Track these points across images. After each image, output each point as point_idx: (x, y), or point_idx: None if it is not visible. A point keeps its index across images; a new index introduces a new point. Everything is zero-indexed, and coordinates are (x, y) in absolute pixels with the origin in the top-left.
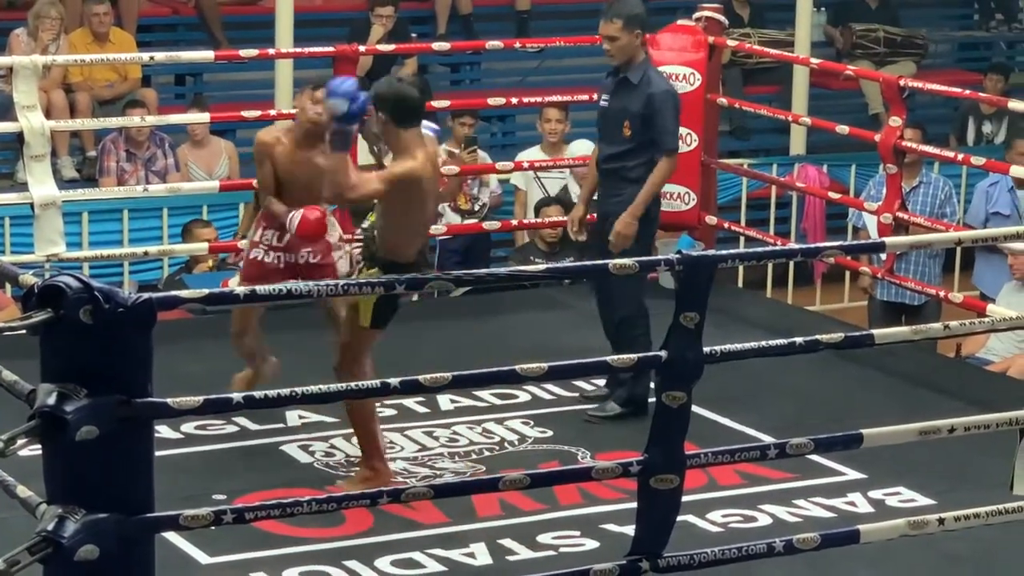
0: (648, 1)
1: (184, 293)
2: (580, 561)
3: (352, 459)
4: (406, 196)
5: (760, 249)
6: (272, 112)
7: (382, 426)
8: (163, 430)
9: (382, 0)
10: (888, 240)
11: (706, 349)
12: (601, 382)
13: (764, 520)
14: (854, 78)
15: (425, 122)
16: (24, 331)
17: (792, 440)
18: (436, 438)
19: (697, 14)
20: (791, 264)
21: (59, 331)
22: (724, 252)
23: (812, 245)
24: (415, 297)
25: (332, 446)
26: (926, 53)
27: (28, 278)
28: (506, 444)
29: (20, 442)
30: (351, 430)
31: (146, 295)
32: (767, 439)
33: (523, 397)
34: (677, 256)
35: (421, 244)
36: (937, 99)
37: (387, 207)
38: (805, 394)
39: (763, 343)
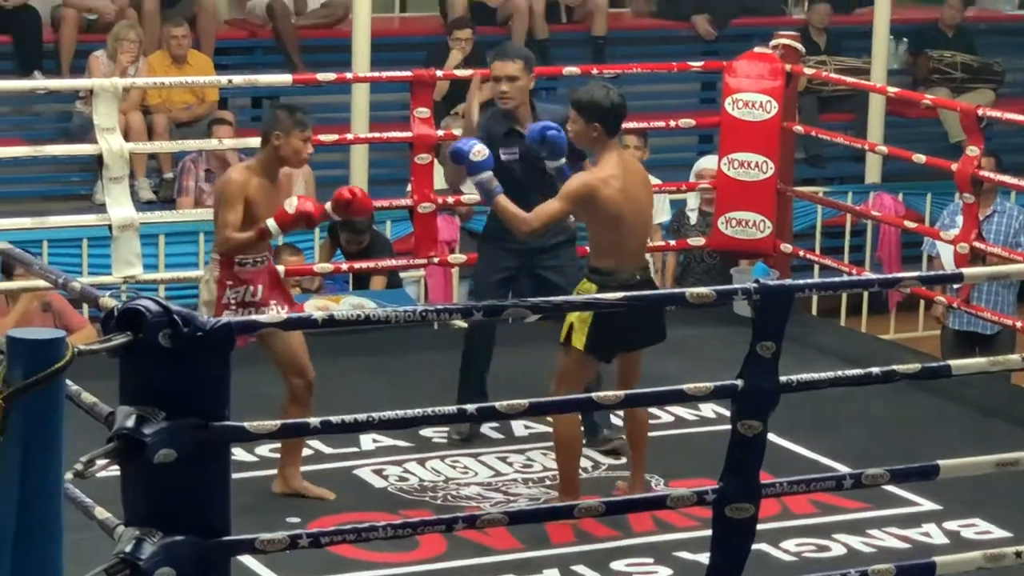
0: (725, 28)
1: (262, 317)
2: None
3: (425, 483)
4: (590, 210)
5: (838, 279)
6: (349, 136)
7: (458, 451)
8: (239, 452)
9: (460, 24)
10: (966, 271)
11: (782, 378)
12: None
13: (838, 550)
14: (932, 107)
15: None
16: (103, 353)
17: (868, 470)
18: (510, 464)
19: (774, 42)
20: (866, 292)
21: (138, 354)
22: (802, 281)
23: (889, 275)
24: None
25: (406, 470)
26: (1002, 82)
27: (108, 300)
28: (580, 471)
29: (99, 464)
30: (424, 455)
31: (224, 319)
32: (842, 468)
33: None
34: (754, 285)
35: (633, 257)
36: (1012, 128)
37: (586, 222)
38: (880, 423)
39: (839, 373)
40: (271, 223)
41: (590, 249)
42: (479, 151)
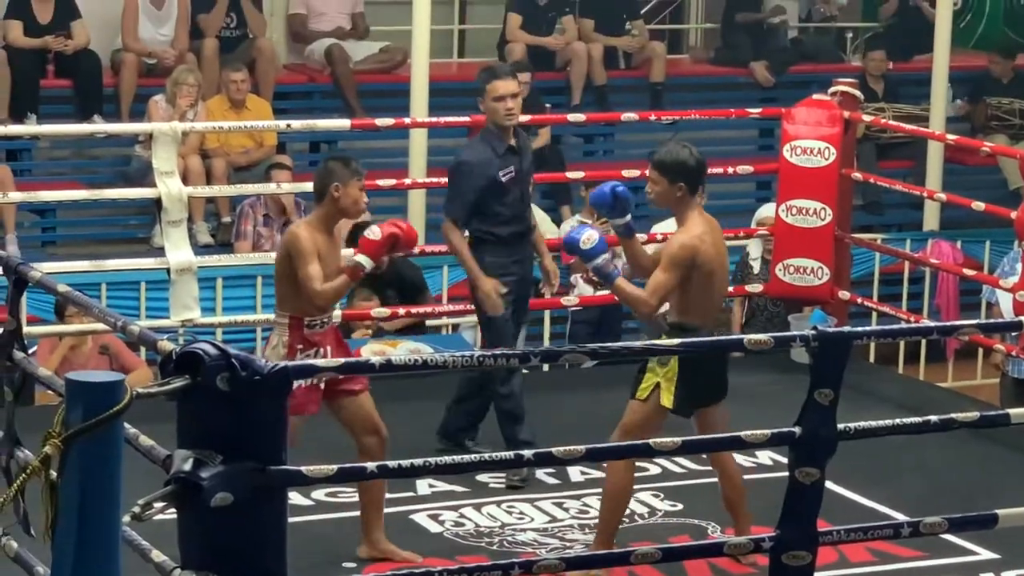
0: (783, 75)
1: (320, 362)
2: None
3: (481, 529)
4: (690, 270)
5: (896, 327)
6: (407, 181)
7: (512, 497)
8: (295, 496)
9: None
10: None
11: (840, 426)
12: None
13: None
14: (991, 155)
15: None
16: (161, 396)
17: (926, 519)
18: (566, 509)
19: (832, 89)
20: (924, 340)
21: (196, 397)
22: (860, 329)
23: (948, 323)
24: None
25: (462, 515)
26: None
27: (166, 344)
28: (636, 517)
29: (156, 507)
30: (480, 500)
31: (282, 364)
32: (899, 517)
33: (654, 470)
34: (813, 332)
35: (716, 312)
36: None
37: (678, 288)
38: (937, 471)
39: (897, 420)
40: (362, 258)
41: (675, 305)
42: (588, 238)
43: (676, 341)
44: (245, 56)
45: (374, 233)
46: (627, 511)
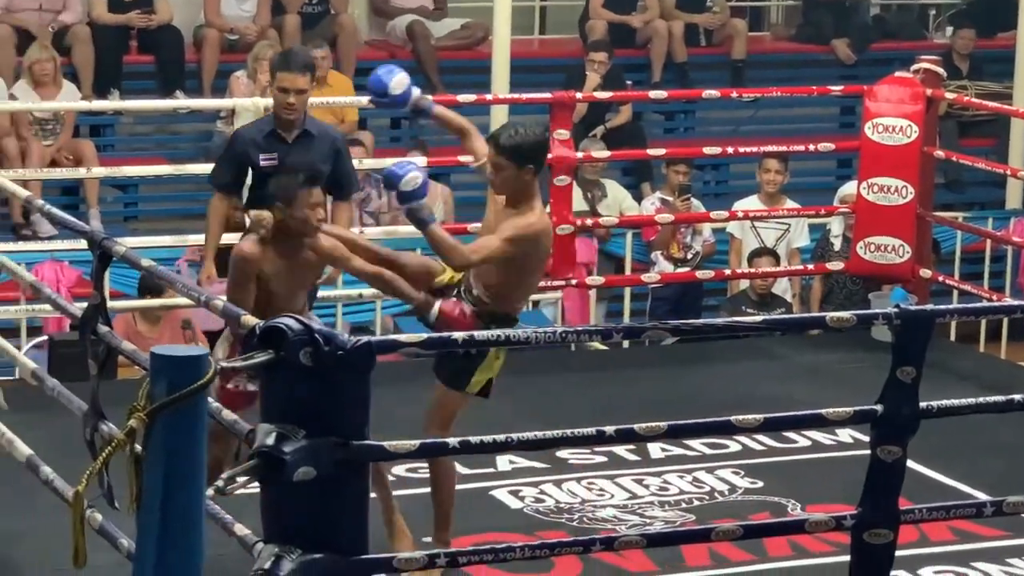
0: (864, 52)
1: (403, 337)
2: None
3: (561, 505)
4: (528, 253)
5: (979, 305)
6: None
7: (593, 473)
8: None
9: (597, 47)
10: None
11: (922, 404)
12: None
13: None
14: None
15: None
16: (245, 371)
17: (1009, 498)
18: (646, 486)
19: (915, 66)
20: (1006, 319)
21: (279, 372)
22: (943, 307)
23: None
24: None
25: (542, 492)
26: None
27: (249, 319)
28: (716, 494)
29: (239, 481)
30: (561, 476)
31: (365, 338)
32: (981, 496)
33: (733, 447)
34: (895, 310)
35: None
36: None
37: (508, 263)
38: (1019, 450)
39: (980, 399)
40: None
41: (496, 295)
42: (412, 179)
43: (758, 318)
44: (327, 32)
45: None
46: (663, 481)
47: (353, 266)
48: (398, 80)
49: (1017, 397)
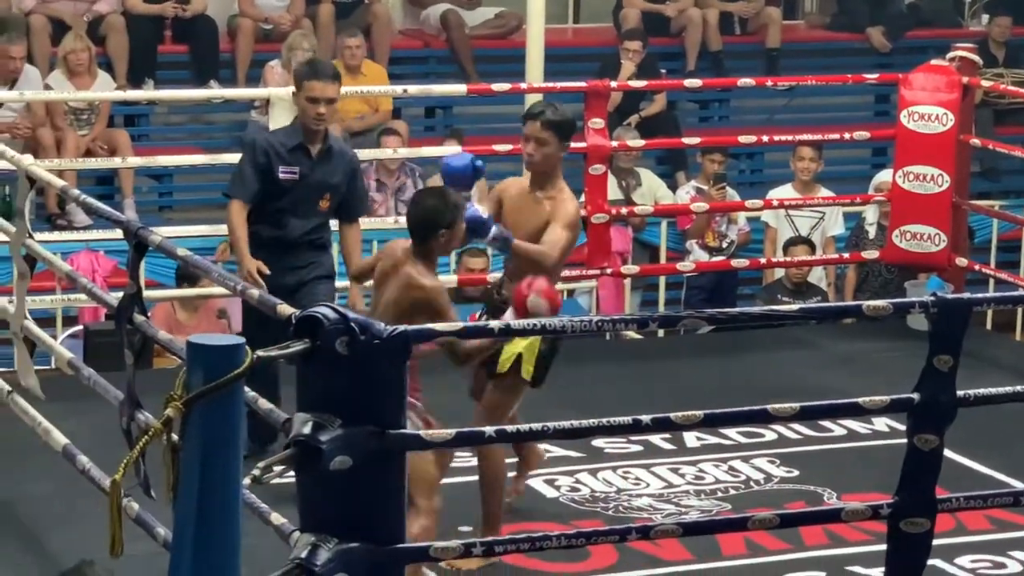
0: (900, 40)
1: (439, 326)
2: None
3: (597, 494)
4: (577, 235)
5: (1016, 294)
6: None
7: (628, 463)
8: None
9: (631, 35)
10: None
11: (960, 392)
12: None
13: (1014, 567)
14: None
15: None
16: (282, 360)
17: None
18: (682, 475)
19: (951, 54)
20: None
21: (315, 361)
22: (980, 296)
23: None
24: None
25: (577, 481)
26: None
27: (285, 308)
28: (752, 483)
29: (276, 470)
30: (596, 465)
31: (401, 327)
32: (1018, 485)
33: (769, 436)
34: (932, 298)
35: None
36: None
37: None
38: None
39: (1017, 387)
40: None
41: (523, 273)
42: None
43: (794, 307)
44: (361, 21)
45: (537, 308)
46: (698, 470)
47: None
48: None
49: None
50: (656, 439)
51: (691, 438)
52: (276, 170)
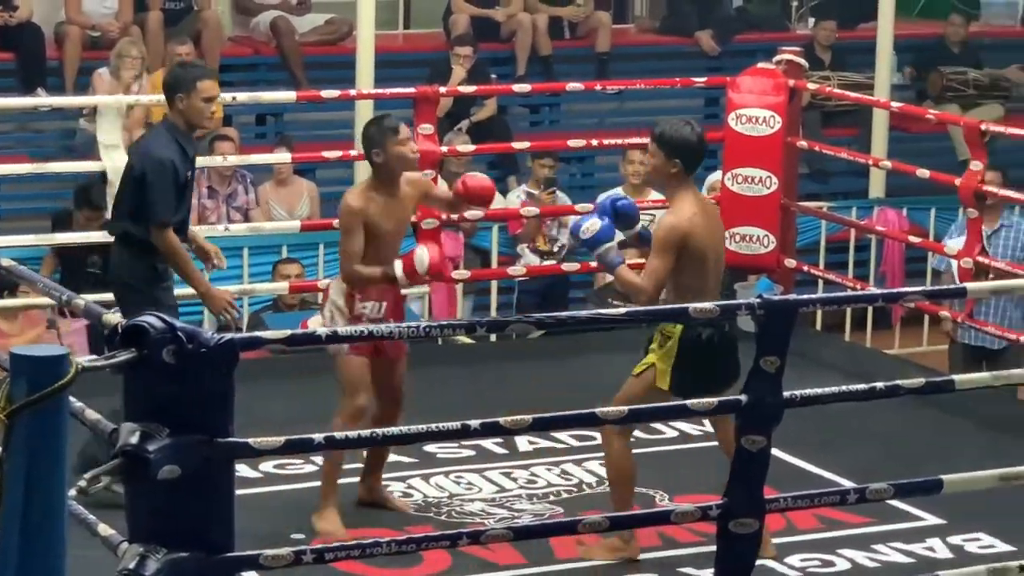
0: (728, 44)
1: (266, 334)
2: None
3: (429, 499)
4: (681, 252)
5: (842, 294)
6: (352, 152)
7: (461, 467)
8: (242, 469)
9: (461, 41)
10: (970, 286)
11: (786, 393)
12: None
13: (842, 565)
14: (937, 122)
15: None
16: (108, 370)
17: (872, 485)
18: (514, 479)
19: (778, 57)
20: (870, 307)
21: (142, 370)
22: (806, 296)
23: (894, 290)
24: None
25: (410, 486)
26: (1011, 96)
27: (111, 317)
28: (584, 486)
29: (103, 481)
30: (428, 470)
31: (228, 336)
32: (846, 483)
33: (601, 439)
34: (758, 300)
35: (714, 296)
36: (1020, 142)
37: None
38: (884, 438)
39: (844, 387)
40: (399, 272)
41: (671, 290)
42: (588, 228)
43: (621, 310)
44: (190, 29)
45: (421, 264)
46: (531, 474)
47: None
48: (586, 228)
49: (880, 384)
50: (488, 444)
51: (523, 442)
52: (182, 176)
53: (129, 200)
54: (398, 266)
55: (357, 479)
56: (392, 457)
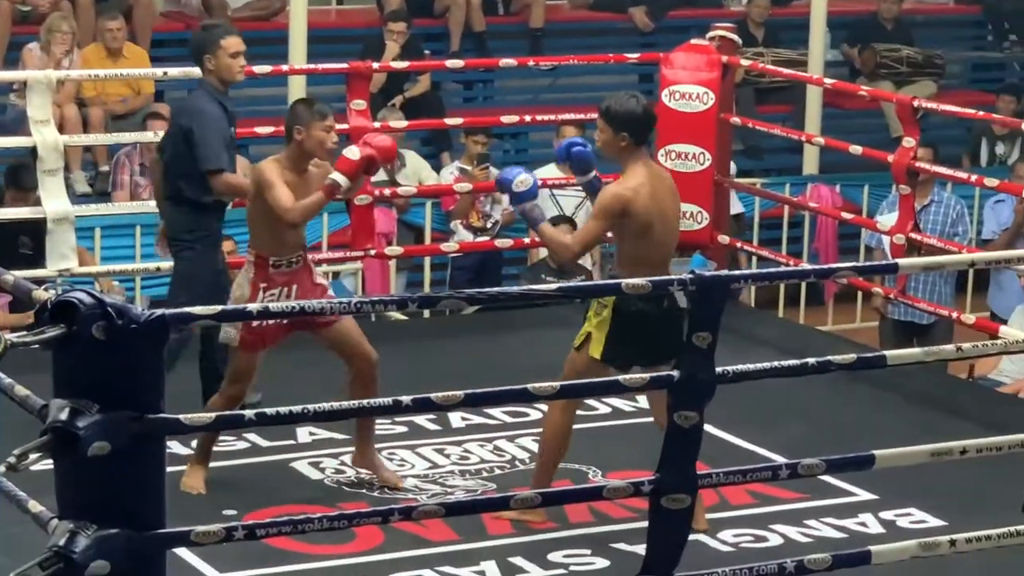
0: (662, 20)
1: (197, 309)
2: None
3: (362, 475)
4: (623, 221)
5: (774, 270)
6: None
7: (393, 444)
8: (174, 446)
9: (395, 16)
10: (901, 262)
11: (718, 369)
12: None
13: (775, 540)
14: (869, 99)
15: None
16: (37, 346)
17: (804, 460)
18: (447, 455)
19: (711, 34)
20: (803, 284)
21: (72, 346)
22: (737, 272)
23: (825, 266)
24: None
25: (342, 463)
26: (944, 73)
27: (41, 293)
28: (517, 462)
29: (32, 457)
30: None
31: (159, 311)
32: (779, 459)
33: (534, 415)
34: (690, 276)
35: (662, 270)
36: (951, 120)
37: (615, 234)
38: (817, 414)
39: (775, 363)
40: (338, 176)
41: (617, 259)
42: (522, 181)
43: (553, 286)
44: (121, 4)
45: (352, 153)
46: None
47: None
48: (522, 179)
49: (811, 360)
50: (421, 420)
51: (456, 419)
52: (231, 134)
53: (181, 161)
54: (335, 175)
55: (288, 456)
56: (324, 434)
